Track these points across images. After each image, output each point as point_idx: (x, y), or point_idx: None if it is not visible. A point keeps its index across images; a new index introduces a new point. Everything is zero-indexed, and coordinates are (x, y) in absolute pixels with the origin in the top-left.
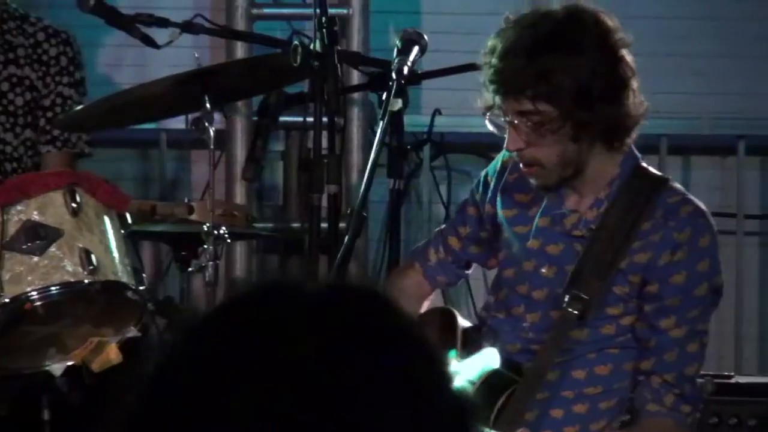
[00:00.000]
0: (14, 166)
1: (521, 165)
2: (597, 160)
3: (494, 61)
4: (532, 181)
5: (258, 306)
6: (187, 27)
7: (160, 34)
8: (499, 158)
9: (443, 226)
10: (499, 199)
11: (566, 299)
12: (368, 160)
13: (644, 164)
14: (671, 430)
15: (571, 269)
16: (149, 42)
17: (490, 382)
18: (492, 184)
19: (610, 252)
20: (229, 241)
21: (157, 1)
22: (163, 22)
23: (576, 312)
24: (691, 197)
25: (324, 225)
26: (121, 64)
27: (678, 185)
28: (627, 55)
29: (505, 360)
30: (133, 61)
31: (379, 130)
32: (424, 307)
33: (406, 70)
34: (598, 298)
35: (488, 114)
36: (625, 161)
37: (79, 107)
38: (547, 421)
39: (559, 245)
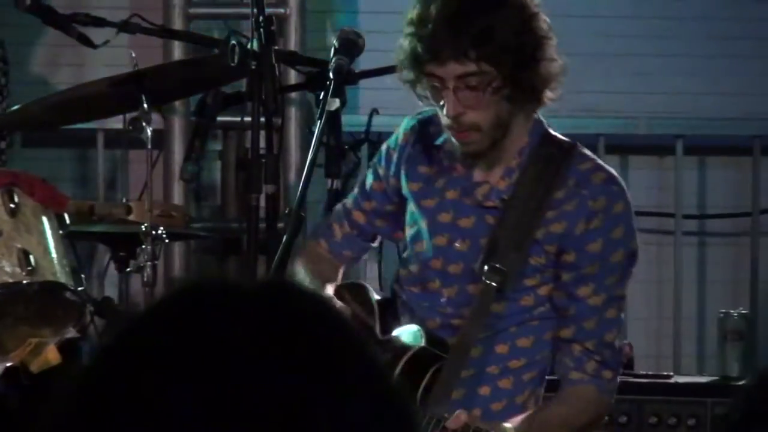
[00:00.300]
0: None
1: (456, 132)
2: (513, 129)
3: (427, 29)
4: (464, 148)
5: (191, 306)
6: (124, 26)
7: (97, 34)
8: (400, 131)
9: (346, 201)
10: (403, 172)
11: (484, 271)
12: (306, 159)
13: (551, 130)
14: (594, 396)
15: (484, 242)
16: (86, 41)
17: (416, 358)
18: (395, 158)
19: (524, 222)
20: (167, 241)
21: (93, 0)
22: (100, 22)
23: (494, 284)
24: (602, 163)
25: (262, 225)
26: (58, 64)
27: (587, 150)
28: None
29: (428, 335)
30: (70, 61)
31: (316, 130)
32: (337, 278)
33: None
34: (515, 269)
35: (417, 87)
36: (533, 129)
37: (17, 107)
38: (476, 400)
39: (470, 218)
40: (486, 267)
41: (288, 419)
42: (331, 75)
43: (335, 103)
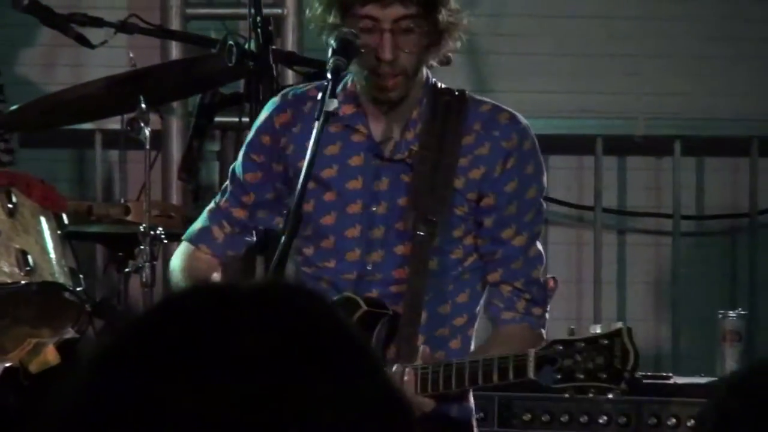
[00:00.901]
0: None
1: (389, 77)
2: (416, 81)
3: None
4: (389, 95)
5: (194, 304)
6: (122, 27)
7: (94, 34)
8: (265, 116)
9: (219, 202)
10: (289, 153)
11: (415, 225)
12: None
13: (434, 80)
14: (527, 333)
15: (404, 201)
16: (84, 42)
17: (362, 320)
18: (271, 142)
19: (441, 173)
20: (165, 241)
21: (91, 0)
22: (98, 22)
23: (424, 234)
24: (498, 103)
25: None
26: (56, 64)
27: (474, 95)
28: None
29: (366, 299)
30: (68, 61)
31: (314, 130)
32: (218, 278)
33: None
34: (443, 219)
35: (337, 31)
36: (426, 81)
37: (14, 107)
38: None
39: (383, 180)
40: (415, 221)
41: (289, 418)
42: (328, 75)
43: (333, 104)
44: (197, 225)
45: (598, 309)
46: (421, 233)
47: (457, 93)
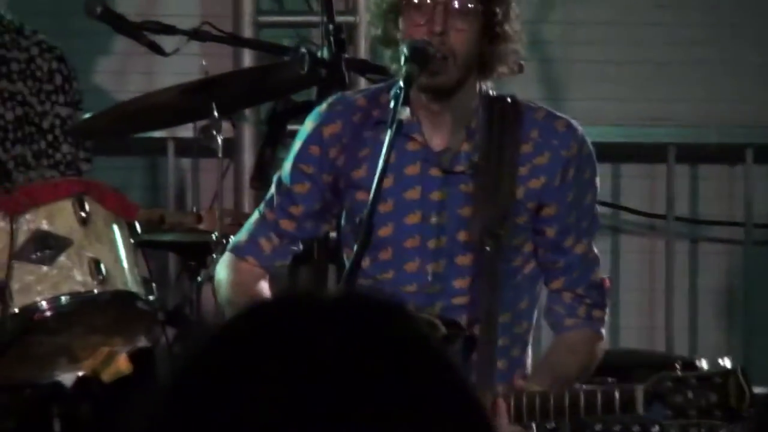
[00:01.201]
0: (3, 182)
1: (435, 58)
2: (469, 87)
3: None
4: (433, 80)
5: (278, 315)
6: (195, 34)
7: (167, 42)
8: (313, 126)
9: (265, 212)
10: (340, 163)
11: (480, 239)
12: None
13: (487, 89)
14: (589, 337)
15: (464, 211)
16: (156, 49)
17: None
18: (319, 152)
19: (503, 183)
20: None
21: (164, 8)
22: (171, 30)
23: (491, 249)
24: (550, 109)
25: (333, 234)
26: (128, 72)
27: (526, 100)
28: None
29: (441, 319)
30: (141, 69)
31: (387, 139)
32: (265, 288)
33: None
34: (507, 231)
35: (393, 16)
36: (480, 90)
37: (87, 115)
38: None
39: (442, 190)
40: (482, 234)
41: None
42: (401, 83)
43: (405, 112)
44: (243, 236)
45: (670, 318)
46: (489, 248)
47: (509, 100)
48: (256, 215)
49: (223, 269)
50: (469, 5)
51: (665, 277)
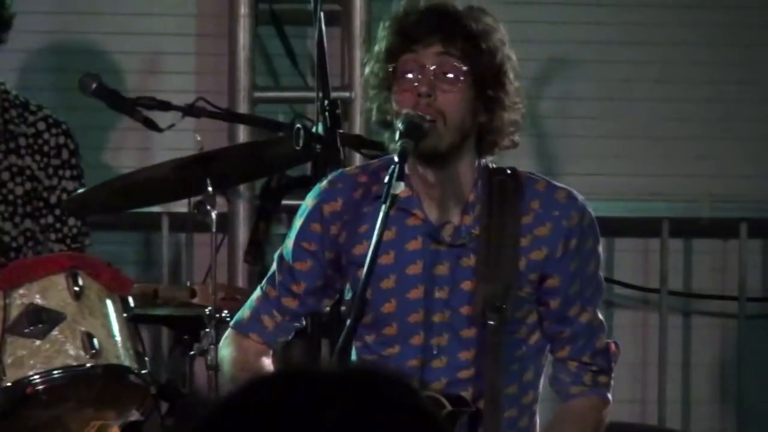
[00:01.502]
0: (13, 257)
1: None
2: (466, 158)
3: (412, 18)
4: (424, 143)
5: (279, 390)
6: (189, 110)
7: (162, 117)
8: (314, 203)
9: (267, 290)
10: (342, 240)
11: (483, 313)
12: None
13: (486, 162)
14: (595, 404)
15: (467, 285)
16: (151, 125)
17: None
18: (321, 230)
19: (504, 256)
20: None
21: (159, 84)
22: (165, 106)
23: (495, 323)
24: (551, 180)
25: (326, 308)
26: (124, 148)
27: (526, 171)
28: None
29: (446, 396)
30: (136, 145)
31: (381, 213)
32: (268, 364)
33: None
34: (511, 304)
35: (385, 88)
36: (479, 163)
37: (82, 190)
38: None
39: (444, 264)
40: (485, 308)
41: None
42: (396, 158)
43: (400, 187)
44: (246, 313)
45: (662, 391)
46: (492, 322)
47: (509, 171)
48: (258, 292)
49: (226, 346)
50: (455, 68)
51: (658, 351)
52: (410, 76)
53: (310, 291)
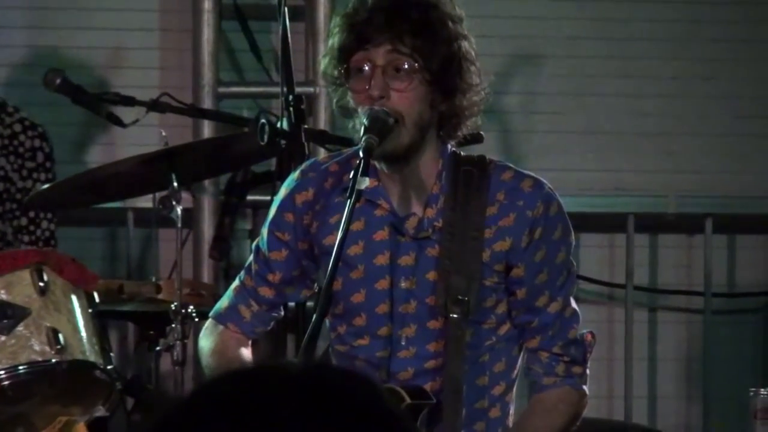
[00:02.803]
0: None
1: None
2: (428, 150)
3: (361, 17)
4: (383, 147)
5: (240, 385)
6: (154, 106)
7: (126, 113)
8: (287, 193)
9: (244, 280)
10: (313, 230)
11: (446, 305)
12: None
13: (454, 148)
14: (569, 394)
15: (432, 275)
16: (116, 121)
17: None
18: (293, 220)
19: (468, 248)
20: (196, 320)
21: (123, 79)
22: (130, 101)
23: (457, 316)
24: (520, 169)
25: (291, 304)
26: (88, 143)
27: (495, 159)
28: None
29: (406, 389)
30: (100, 140)
31: (346, 209)
32: (246, 354)
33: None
34: (475, 296)
35: (340, 87)
36: (444, 151)
37: (46, 185)
38: None
39: (410, 255)
40: (447, 301)
41: None
42: (360, 154)
43: (365, 182)
44: (224, 303)
45: (629, 387)
46: (454, 315)
47: (478, 160)
48: (236, 282)
49: (205, 336)
50: (406, 65)
51: (624, 346)
52: (362, 75)
53: (286, 280)
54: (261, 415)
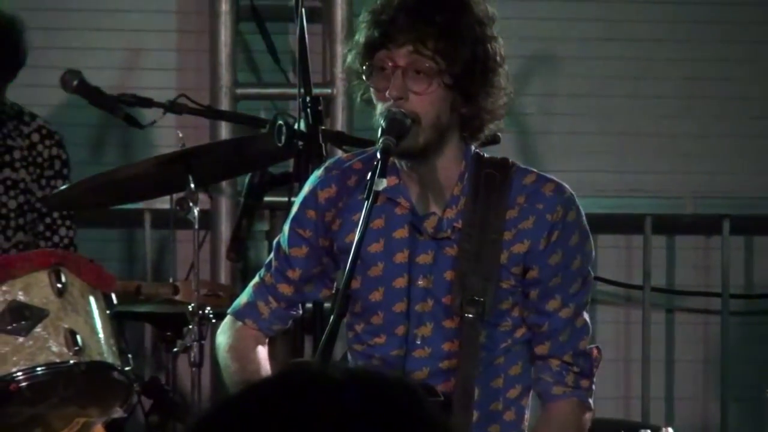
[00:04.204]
0: None
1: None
2: (449, 151)
3: (386, 15)
4: (399, 145)
5: (282, 390)
6: (171, 107)
7: (144, 114)
8: (310, 189)
9: (264, 276)
10: (336, 227)
11: (462, 306)
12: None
13: (479, 150)
14: (577, 407)
15: (450, 275)
16: (133, 122)
17: None
18: (317, 217)
19: (486, 249)
20: (214, 321)
21: (140, 81)
22: (147, 102)
23: (472, 316)
24: (543, 173)
25: (309, 305)
26: (105, 144)
27: (519, 163)
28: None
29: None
30: (117, 141)
31: (364, 210)
32: (263, 352)
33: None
34: (491, 297)
35: (364, 82)
36: (467, 153)
37: (63, 187)
38: None
39: (428, 253)
40: (462, 301)
41: None
42: (378, 155)
43: (382, 183)
44: (243, 300)
45: (646, 388)
46: (470, 315)
47: (501, 163)
48: (256, 279)
49: (222, 332)
50: (427, 65)
51: (641, 347)
52: (383, 74)
53: (305, 278)
54: (306, 422)
